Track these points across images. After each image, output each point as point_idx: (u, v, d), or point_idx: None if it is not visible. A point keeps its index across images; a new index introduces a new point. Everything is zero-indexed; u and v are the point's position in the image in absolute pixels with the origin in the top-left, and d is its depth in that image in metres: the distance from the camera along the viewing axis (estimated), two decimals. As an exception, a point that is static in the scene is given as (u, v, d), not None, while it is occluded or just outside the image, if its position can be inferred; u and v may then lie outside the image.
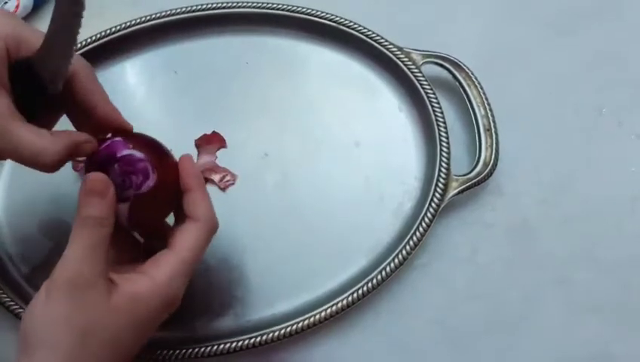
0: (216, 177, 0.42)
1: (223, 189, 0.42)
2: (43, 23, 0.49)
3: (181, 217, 0.32)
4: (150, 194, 0.30)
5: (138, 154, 0.30)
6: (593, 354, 0.38)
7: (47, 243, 0.41)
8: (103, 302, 0.28)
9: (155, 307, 0.29)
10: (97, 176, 0.29)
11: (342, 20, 0.46)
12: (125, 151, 0.30)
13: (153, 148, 0.32)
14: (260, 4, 0.47)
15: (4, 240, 0.41)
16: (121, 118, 0.33)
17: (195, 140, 0.43)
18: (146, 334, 0.30)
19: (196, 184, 0.32)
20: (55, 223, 0.41)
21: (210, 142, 0.43)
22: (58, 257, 0.26)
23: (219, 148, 0.43)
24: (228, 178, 0.42)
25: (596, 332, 0.39)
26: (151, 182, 0.30)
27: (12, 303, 0.38)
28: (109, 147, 0.31)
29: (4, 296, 0.38)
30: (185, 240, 0.31)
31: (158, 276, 0.29)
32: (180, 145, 0.35)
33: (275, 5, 0.47)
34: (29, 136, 0.29)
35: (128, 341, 0.29)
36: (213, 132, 0.44)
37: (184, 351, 0.36)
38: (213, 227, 0.32)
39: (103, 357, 0.28)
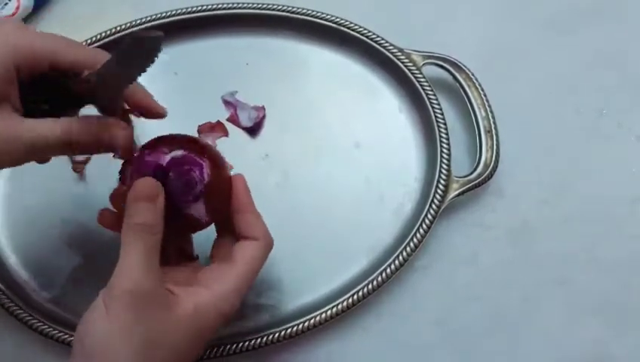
0: None
1: None
2: (43, 24, 0.49)
3: (227, 229, 0.33)
4: (214, 180, 0.31)
5: (179, 151, 0.31)
6: (593, 354, 0.38)
7: (48, 245, 0.41)
8: (164, 313, 0.28)
9: (214, 319, 0.29)
10: (146, 181, 0.29)
11: (342, 21, 0.46)
12: (167, 157, 0.31)
13: (185, 141, 0.32)
14: (259, 5, 0.47)
15: (4, 242, 0.41)
16: (154, 102, 0.34)
17: (199, 126, 0.44)
18: (202, 344, 0.30)
19: (251, 204, 0.33)
20: (55, 224, 0.41)
21: (213, 130, 0.43)
22: (58, 257, 0.26)
23: (220, 137, 0.43)
24: None
25: (596, 332, 0.39)
26: (207, 169, 0.31)
27: (12, 304, 0.38)
28: (148, 163, 0.31)
29: (4, 296, 0.38)
30: (246, 257, 0.31)
31: (220, 289, 0.30)
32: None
33: (275, 6, 0.47)
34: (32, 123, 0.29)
35: (187, 351, 0.29)
36: (218, 121, 0.44)
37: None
38: (270, 245, 0.33)
39: None
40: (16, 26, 0.30)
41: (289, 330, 0.37)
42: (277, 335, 0.37)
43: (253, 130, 0.44)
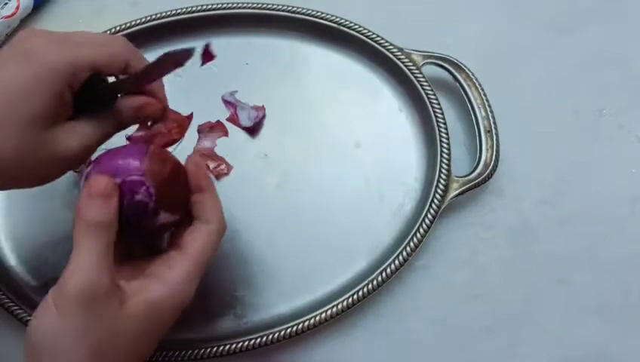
0: (211, 164, 0.42)
1: (216, 178, 0.42)
2: (43, 23, 0.49)
3: (188, 220, 0.32)
4: (162, 184, 0.30)
5: (117, 179, 0.29)
6: (593, 354, 0.38)
7: (48, 244, 0.41)
8: (117, 312, 0.27)
9: (168, 310, 0.29)
10: (100, 179, 0.28)
11: (342, 21, 0.46)
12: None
13: (112, 154, 0.31)
14: (259, 5, 0.47)
15: (3, 241, 0.41)
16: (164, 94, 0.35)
17: (198, 126, 0.44)
18: (158, 338, 0.30)
19: (206, 185, 0.32)
20: (55, 224, 0.41)
21: (213, 129, 0.44)
22: (58, 257, 0.26)
23: (220, 137, 0.43)
24: (222, 167, 0.42)
25: (596, 332, 0.39)
26: (150, 181, 0.29)
27: (12, 304, 0.38)
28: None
29: (4, 297, 0.38)
30: (196, 242, 0.30)
31: (171, 279, 0.29)
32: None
33: (275, 6, 0.47)
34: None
35: (143, 347, 0.29)
36: (218, 121, 0.44)
37: (183, 352, 0.36)
38: (222, 229, 0.32)
39: None
40: (50, 41, 0.29)
41: (289, 330, 0.37)
42: (277, 335, 0.37)
43: (252, 130, 0.44)
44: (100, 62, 0.30)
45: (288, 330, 0.37)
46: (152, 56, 0.47)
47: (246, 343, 0.36)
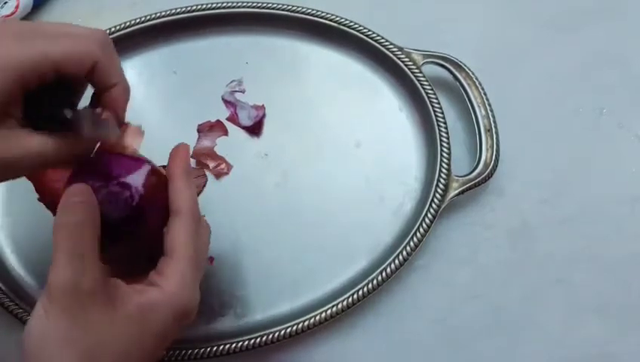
0: (211, 163, 0.42)
1: (216, 177, 0.42)
2: (42, 23, 0.49)
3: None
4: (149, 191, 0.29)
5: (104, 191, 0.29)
6: (593, 354, 0.38)
7: (48, 244, 0.40)
8: (107, 315, 0.26)
9: (167, 316, 0.27)
10: (77, 185, 0.27)
11: (342, 20, 0.46)
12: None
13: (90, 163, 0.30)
14: (259, 4, 0.47)
15: (3, 241, 0.41)
16: (124, 108, 0.31)
17: (198, 125, 0.44)
18: (161, 346, 0.28)
19: (174, 174, 0.30)
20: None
21: (213, 129, 0.43)
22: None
23: (220, 136, 0.43)
24: (222, 166, 0.42)
25: (596, 332, 0.39)
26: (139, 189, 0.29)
27: (11, 304, 0.38)
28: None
29: (4, 296, 0.38)
30: (175, 239, 0.28)
31: (167, 285, 0.27)
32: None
33: (275, 5, 0.46)
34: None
35: (140, 354, 0.27)
36: (218, 120, 0.44)
37: (183, 351, 0.36)
38: (195, 216, 0.29)
39: None
40: (18, 35, 0.27)
41: (289, 330, 0.37)
42: (277, 334, 0.37)
43: (253, 130, 0.44)
44: (65, 61, 0.27)
45: (288, 330, 0.37)
46: (151, 56, 0.47)
47: (246, 343, 0.36)
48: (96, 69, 0.28)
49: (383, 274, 0.38)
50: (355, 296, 0.37)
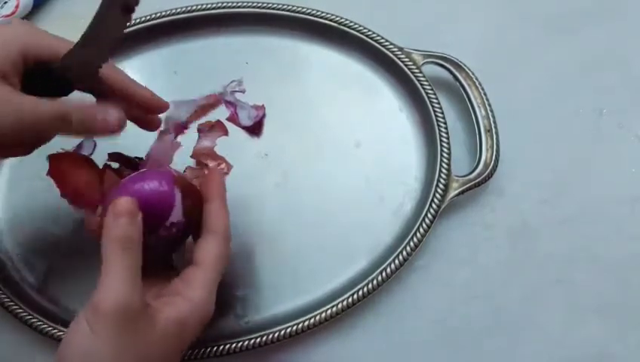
0: (211, 163, 0.42)
1: None
2: (42, 23, 0.49)
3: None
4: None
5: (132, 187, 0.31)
6: (593, 354, 0.38)
7: (48, 244, 0.41)
8: (151, 330, 0.27)
9: (197, 325, 0.30)
10: (124, 199, 0.28)
11: (342, 20, 0.46)
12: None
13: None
14: (259, 4, 0.47)
15: (3, 240, 0.41)
16: (156, 96, 0.35)
17: (198, 125, 0.44)
18: (185, 350, 0.30)
19: (212, 195, 0.33)
20: (54, 222, 0.41)
21: (213, 129, 0.44)
22: (57, 255, 0.26)
23: (220, 136, 0.43)
24: (222, 166, 0.42)
25: (596, 332, 0.39)
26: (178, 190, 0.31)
27: (11, 303, 0.37)
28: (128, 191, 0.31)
29: (3, 294, 0.38)
30: (209, 254, 0.31)
31: (196, 296, 0.30)
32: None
33: (275, 5, 0.46)
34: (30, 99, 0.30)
35: (175, 361, 0.29)
36: (218, 120, 0.44)
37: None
38: (227, 237, 0.32)
39: None
40: (29, 26, 0.32)
41: (289, 330, 0.37)
42: (277, 335, 0.36)
43: (252, 130, 0.44)
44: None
45: (288, 330, 0.37)
46: (152, 56, 0.47)
47: (246, 343, 0.36)
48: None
49: (383, 274, 0.38)
50: (355, 296, 0.37)
